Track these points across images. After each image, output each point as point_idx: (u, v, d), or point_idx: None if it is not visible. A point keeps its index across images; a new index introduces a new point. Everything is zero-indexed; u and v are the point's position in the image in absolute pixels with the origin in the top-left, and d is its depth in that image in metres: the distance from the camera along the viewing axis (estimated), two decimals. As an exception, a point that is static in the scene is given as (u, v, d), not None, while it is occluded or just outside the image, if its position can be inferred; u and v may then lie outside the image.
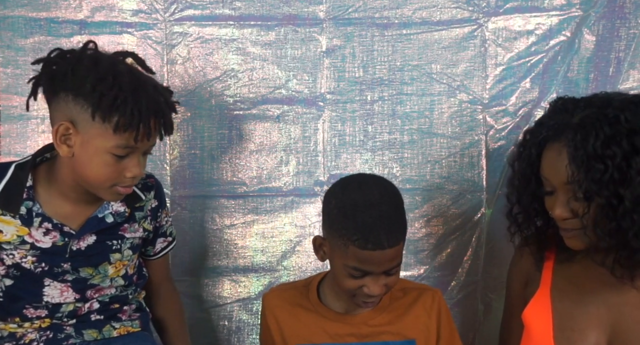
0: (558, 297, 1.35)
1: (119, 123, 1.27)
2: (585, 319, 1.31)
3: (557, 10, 1.73)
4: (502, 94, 1.75)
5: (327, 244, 1.35)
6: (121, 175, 1.32)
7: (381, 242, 1.25)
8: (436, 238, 1.79)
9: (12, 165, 1.40)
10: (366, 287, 1.30)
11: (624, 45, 1.73)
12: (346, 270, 1.30)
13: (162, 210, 1.55)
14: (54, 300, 1.41)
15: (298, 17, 1.74)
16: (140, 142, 1.30)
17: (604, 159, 1.18)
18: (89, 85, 1.27)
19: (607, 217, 1.20)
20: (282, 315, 1.43)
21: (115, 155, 1.30)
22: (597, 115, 1.22)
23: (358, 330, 1.39)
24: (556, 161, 1.25)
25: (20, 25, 1.71)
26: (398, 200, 1.34)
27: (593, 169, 1.19)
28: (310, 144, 1.77)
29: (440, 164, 1.77)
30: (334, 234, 1.30)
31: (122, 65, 1.34)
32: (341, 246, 1.28)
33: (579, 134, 1.21)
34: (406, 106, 1.76)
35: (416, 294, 1.44)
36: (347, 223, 1.27)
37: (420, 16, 1.74)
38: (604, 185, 1.18)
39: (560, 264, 1.39)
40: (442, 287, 1.78)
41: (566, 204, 1.25)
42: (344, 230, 1.27)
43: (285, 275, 1.78)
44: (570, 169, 1.22)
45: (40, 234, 1.38)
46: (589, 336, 1.30)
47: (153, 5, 1.72)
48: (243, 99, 1.76)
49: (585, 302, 1.32)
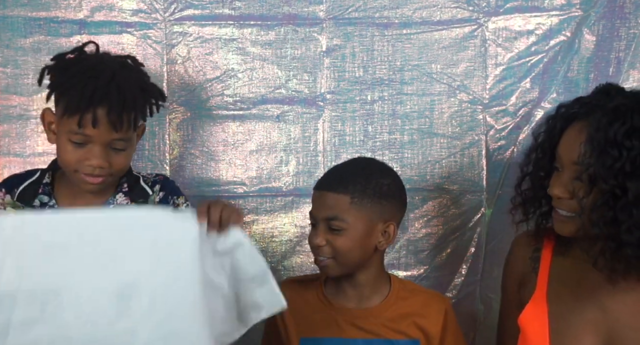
0: (554, 302, 1.34)
1: (66, 106, 1.31)
2: (582, 324, 1.30)
3: (557, 10, 1.73)
4: (502, 94, 1.75)
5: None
6: (82, 162, 1.35)
7: (322, 183, 1.44)
8: (436, 238, 1.79)
9: (39, 170, 1.46)
10: (311, 239, 1.41)
11: (624, 45, 1.73)
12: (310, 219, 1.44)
13: (173, 196, 1.50)
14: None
15: (298, 17, 1.74)
16: (85, 129, 1.31)
17: (620, 147, 1.17)
18: (63, 74, 1.35)
19: (606, 205, 1.19)
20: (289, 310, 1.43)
21: (72, 142, 1.34)
22: (633, 105, 1.21)
23: (362, 324, 1.41)
24: (574, 138, 1.24)
25: (20, 25, 1.70)
26: (373, 167, 1.46)
27: (606, 154, 1.17)
28: (310, 144, 1.77)
29: (440, 164, 1.77)
30: None
31: (104, 59, 1.39)
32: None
33: (606, 117, 1.19)
34: (406, 106, 1.76)
35: (424, 298, 1.45)
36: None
37: (420, 16, 1.73)
38: (612, 173, 1.17)
39: (556, 267, 1.38)
40: (442, 287, 1.78)
41: (567, 184, 1.25)
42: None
43: (285, 275, 1.78)
44: (583, 148, 1.20)
45: None
46: (585, 341, 1.29)
47: (153, 5, 1.72)
48: (243, 98, 1.75)
49: (581, 307, 1.31)
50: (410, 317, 1.41)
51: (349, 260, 1.38)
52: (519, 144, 1.74)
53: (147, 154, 1.75)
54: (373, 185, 1.39)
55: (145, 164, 1.75)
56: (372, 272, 1.44)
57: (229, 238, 1.21)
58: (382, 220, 1.40)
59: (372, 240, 1.40)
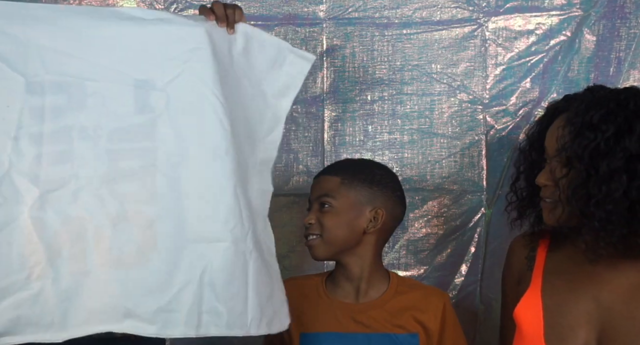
0: (549, 295, 1.36)
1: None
2: (576, 315, 1.31)
3: (557, 10, 1.73)
4: (503, 93, 1.75)
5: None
6: None
7: (320, 172, 1.53)
8: (436, 238, 1.79)
9: None
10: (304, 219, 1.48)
11: (625, 45, 1.73)
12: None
13: None
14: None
15: (298, 17, 1.74)
16: None
17: (596, 129, 1.22)
18: None
19: (582, 183, 1.23)
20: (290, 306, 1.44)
21: None
22: (611, 95, 1.27)
23: (361, 319, 1.42)
24: (556, 128, 1.28)
25: (20, 25, 1.70)
26: (370, 161, 1.55)
27: (582, 136, 1.22)
28: (310, 144, 1.77)
29: (440, 164, 1.77)
30: None
31: None
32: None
33: (584, 104, 1.25)
34: (406, 106, 1.76)
35: (422, 293, 1.47)
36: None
37: (421, 16, 1.74)
38: (587, 153, 1.21)
39: (551, 261, 1.40)
40: (442, 287, 1.77)
41: (551, 171, 1.29)
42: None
43: (285, 275, 1.76)
44: (561, 132, 1.26)
45: None
46: (580, 333, 1.30)
47: (153, 5, 1.72)
48: (243, 98, 1.76)
49: (575, 299, 1.32)
50: (409, 311, 1.42)
51: (335, 238, 1.43)
52: (519, 144, 1.74)
53: (147, 154, 1.75)
54: (364, 171, 1.47)
55: (146, 164, 1.75)
56: (366, 263, 1.46)
57: (239, 34, 1.27)
58: (371, 205, 1.44)
59: (360, 223, 1.44)
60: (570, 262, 1.37)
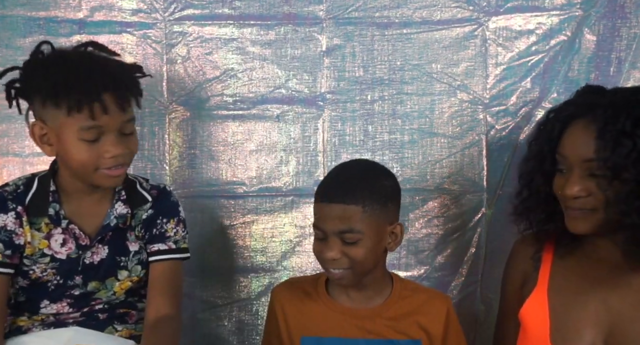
0: (555, 296, 1.35)
1: (69, 105, 1.28)
2: (583, 317, 1.31)
3: (557, 10, 1.72)
4: (503, 93, 1.75)
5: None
6: (101, 158, 1.32)
7: (330, 194, 1.32)
8: (436, 238, 1.79)
9: (36, 177, 1.44)
10: (323, 253, 1.34)
11: (625, 45, 1.72)
12: (315, 234, 1.37)
13: (163, 219, 1.48)
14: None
15: (298, 17, 1.73)
16: (99, 119, 1.29)
17: (633, 136, 1.20)
18: (40, 79, 1.31)
19: (633, 193, 1.20)
20: (290, 308, 1.44)
21: (86, 140, 1.30)
22: (629, 97, 1.25)
23: (363, 324, 1.40)
24: (580, 137, 1.26)
25: (19, 24, 1.70)
26: (376, 171, 1.40)
27: (622, 145, 1.20)
28: (310, 144, 1.77)
29: (440, 164, 1.77)
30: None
31: (72, 52, 1.36)
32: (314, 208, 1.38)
33: (610, 111, 1.23)
34: (406, 106, 1.76)
35: (425, 297, 1.44)
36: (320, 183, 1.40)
37: (421, 15, 1.73)
38: (631, 161, 1.20)
39: (558, 262, 1.39)
40: (442, 287, 1.78)
41: (580, 182, 1.25)
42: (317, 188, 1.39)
43: (285, 275, 1.78)
44: (596, 144, 1.22)
45: (58, 245, 1.41)
46: (586, 335, 1.30)
47: (152, 5, 1.72)
48: (243, 98, 1.75)
49: (583, 301, 1.32)
50: (412, 316, 1.40)
51: (365, 268, 1.36)
52: (519, 144, 1.74)
53: (147, 154, 1.75)
54: (378, 190, 1.35)
55: (145, 164, 1.75)
56: (378, 273, 1.42)
57: None
58: (389, 223, 1.37)
59: (383, 243, 1.37)
60: (578, 265, 1.36)
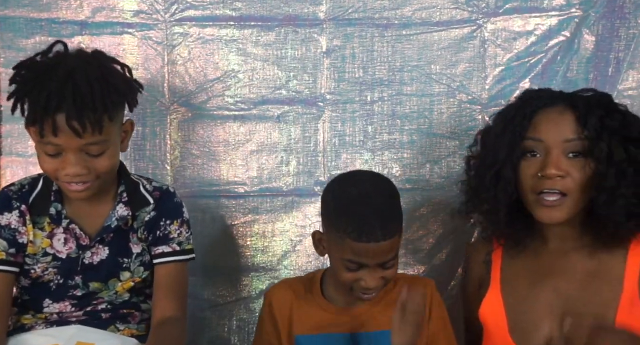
0: (509, 292, 1.40)
1: (27, 117, 1.29)
2: (537, 308, 1.35)
3: (556, 11, 1.73)
4: (502, 94, 1.75)
5: (325, 238, 1.38)
6: (59, 173, 1.32)
7: (375, 234, 1.29)
8: (435, 238, 1.79)
9: (42, 177, 1.44)
10: (363, 281, 1.32)
11: (624, 45, 1.73)
12: (343, 264, 1.33)
13: (166, 221, 1.48)
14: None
15: (298, 18, 1.74)
16: (48, 138, 1.26)
17: (614, 119, 1.32)
18: (19, 81, 1.32)
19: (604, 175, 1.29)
20: (284, 308, 1.45)
21: (47, 154, 1.30)
22: (599, 94, 1.40)
23: (356, 321, 1.42)
24: (560, 120, 1.33)
25: (21, 25, 1.71)
26: (392, 194, 1.39)
27: (612, 119, 1.31)
28: (310, 144, 1.78)
29: (440, 164, 1.78)
30: (331, 228, 1.34)
31: (54, 64, 1.31)
32: (338, 240, 1.31)
33: (582, 99, 1.34)
34: (406, 106, 1.76)
35: (407, 283, 1.44)
36: (342, 217, 1.32)
37: (420, 17, 1.74)
38: (616, 139, 1.29)
39: (508, 260, 1.44)
40: (441, 286, 1.77)
41: (559, 161, 1.31)
42: (340, 224, 1.31)
43: (285, 274, 1.79)
44: (577, 126, 1.31)
45: (60, 244, 1.41)
46: (543, 324, 1.34)
47: (154, 6, 1.73)
48: (243, 99, 1.76)
49: (535, 293, 1.37)
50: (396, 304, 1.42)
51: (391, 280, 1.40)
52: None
53: (148, 154, 1.76)
54: (398, 211, 1.38)
55: (146, 164, 1.76)
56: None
57: None
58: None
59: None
60: (526, 260, 1.41)
